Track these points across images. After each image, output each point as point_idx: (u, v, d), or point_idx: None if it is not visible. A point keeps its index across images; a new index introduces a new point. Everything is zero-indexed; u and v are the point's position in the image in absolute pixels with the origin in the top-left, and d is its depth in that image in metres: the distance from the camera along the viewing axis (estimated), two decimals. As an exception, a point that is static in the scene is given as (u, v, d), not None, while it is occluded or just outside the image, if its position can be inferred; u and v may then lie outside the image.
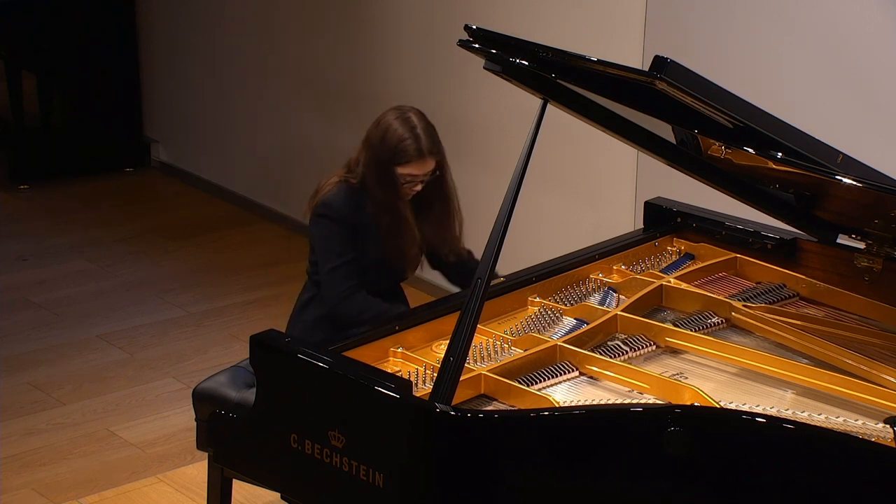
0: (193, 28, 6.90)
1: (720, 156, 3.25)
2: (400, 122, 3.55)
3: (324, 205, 3.59)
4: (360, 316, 3.52)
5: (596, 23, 4.84)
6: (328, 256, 3.57)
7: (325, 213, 3.58)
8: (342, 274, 3.56)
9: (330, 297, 3.58)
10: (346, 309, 3.55)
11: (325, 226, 3.58)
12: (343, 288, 3.55)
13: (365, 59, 5.86)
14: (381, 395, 2.76)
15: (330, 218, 3.57)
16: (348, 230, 3.57)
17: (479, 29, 3.09)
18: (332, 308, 3.57)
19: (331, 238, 3.57)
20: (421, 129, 3.55)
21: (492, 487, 2.71)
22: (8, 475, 4.32)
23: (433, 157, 3.56)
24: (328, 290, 3.57)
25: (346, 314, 3.54)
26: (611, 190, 4.95)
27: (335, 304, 3.57)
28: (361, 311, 3.53)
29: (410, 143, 3.52)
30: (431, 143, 3.55)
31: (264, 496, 4.08)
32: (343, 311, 3.56)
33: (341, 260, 3.56)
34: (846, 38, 4.11)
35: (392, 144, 3.52)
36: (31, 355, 5.13)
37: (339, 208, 3.57)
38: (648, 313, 3.33)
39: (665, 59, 2.69)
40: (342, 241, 3.57)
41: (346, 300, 3.55)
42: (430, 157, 3.55)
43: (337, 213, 3.57)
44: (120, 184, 7.10)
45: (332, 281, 3.56)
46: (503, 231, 2.97)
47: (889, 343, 3.17)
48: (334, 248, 3.57)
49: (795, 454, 2.59)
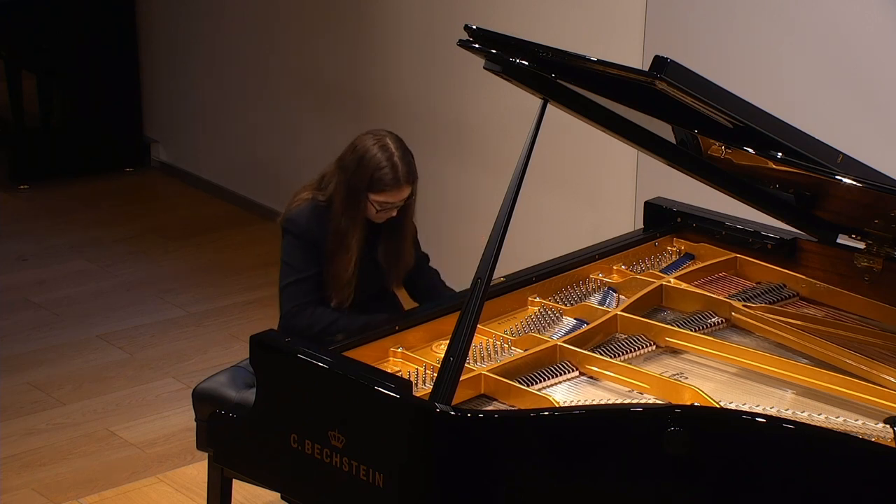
0: (193, 28, 6.90)
1: (720, 156, 3.25)
2: (377, 148, 3.48)
3: (288, 220, 3.59)
4: (309, 330, 3.49)
5: (596, 23, 4.84)
6: (287, 272, 3.58)
7: (288, 229, 3.59)
8: (296, 290, 3.55)
9: (282, 313, 3.59)
10: (294, 325, 3.54)
11: (288, 241, 3.59)
12: (292, 304, 3.55)
13: (365, 58, 5.86)
14: (381, 395, 2.76)
15: (293, 234, 3.58)
16: (310, 247, 3.56)
17: (479, 29, 3.09)
18: (282, 323, 3.58)
19: (292, 253, 3.58)
20: (398, 157, 3.47)
21: (492, 487, 2.71)
22: (8, 475, 4.32)
23: (409, 185, 3.50)
24: (281, 304, 3.59)
25: (295, 328, 3.53)
26: (611, 190, 4.95)
27: (284, 321, 3.58)
28: (310, 325, 3.50)
29: (387, 172, 3.46)
30: (408, 171, 3.48)
31: (264, 496, 4.08)
32: (291, 326, 3.55)
33: (297, 276, 3.56)
34: (846, 38, 4.11)
35: (368, 172, 3.46)
36: (31, 355, 5.13)
37: (303, 224, 3.56)
38: (648, 313, 3.33)
39: (665, 59, 2.69)
40: (302, 258, 3.56)
41: (294, 316, 3.54)
42: (406, 185, 3.49)
43: (299, 230, 3.56)
44: (120, 184, 7.10)
45: (285, 297, 3.58)
46: (503, 231, 2.97)
47: (889, 343, 3.17)
48: (294, 262, 3.57)
49: (795, 454, 2.59)
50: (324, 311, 3.53)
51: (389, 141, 3.51)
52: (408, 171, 3.48)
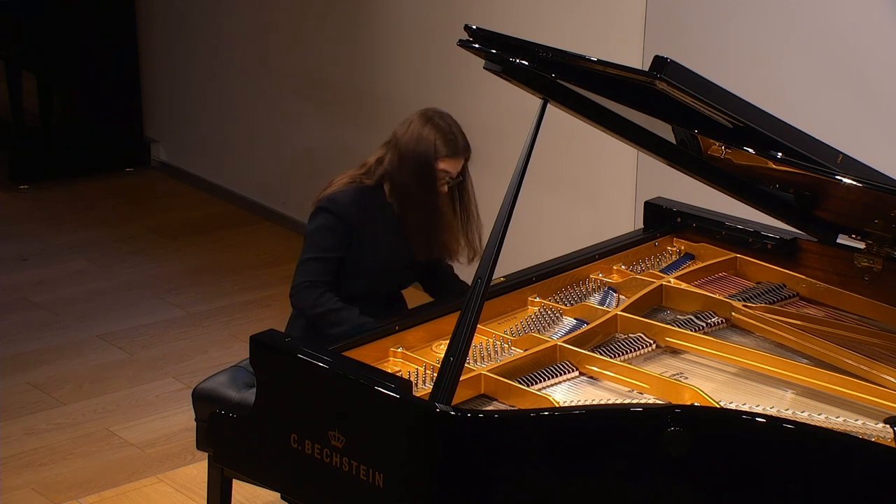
0: (193, 28, 6.90)
1: (720, 156, 3.25)
2: (437, 120, 3.56)
3: (329, 199, 3.57)
4: (312, 310, 3.50)
5: (596, 23, 4.84)
6: (311, 247, 3.57)
7: (326, 207, 3.57)
8: (313, 267, 3.55)
9: (293, 285, 3.58)
10: (299, 299, 3.54)
11: (323, 218, 3.57)
12: (305, 279, 3.54)
13: (365, 58, 5.86)
14: (381, 395, 2.76)
15: (331, 212, 3.56)
16: (344, 229, 3.56)
17: (479, 29, 3.08)
18: (290, 295, 3.58)
19: (322, 231, 3.56)
20: (457, 129, 3.58)
21: (492, 487, 2.71)
22: (8, 475, 4.32)
23: (466, 156, 3.59)
24: (295, 277, 3.58)
25: (298, 304, 3.55)
26: (611, 190, 4.95)
27: (292, 293, 3.58)
28: (314, 305, 3.51)
29: (450, 141, 3.54)
30: (465, 142, 3.58)
31: (264, 496, 4.08)
32: (296, 300, 3.56)
33: (321, 254, 3.55)
34: (846, 38, 4.11)
35: (430, 142, 3.52)
36: (31, 355, 5.13)
37: (344, 205, 3.56)
38: (648, 313, 3.33)
39: (665, 59, 2.69)
40: (332, 238, 3.56)
41: (302, 290, 3.54)
42: (463, 154, 3.57)
43: (339, 209, 3.55)
44: (120, 184, 7.10)
45: (301, 270, 3.56)
46: (503, 231, 2.97)
47: (889, 343, 3.17)
48: (321, 241, 3.55)
49: (795, 454, 2.59)
50: (331, 298, 3.53)
51: (447, 116, 3.60)
52: (465, 142, 3.58)
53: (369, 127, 5.78)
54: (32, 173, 7.00)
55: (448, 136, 3.54)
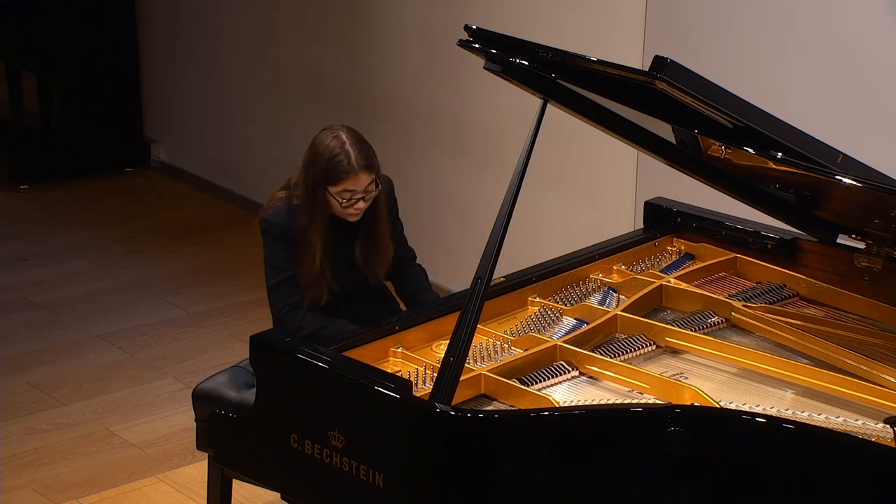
0: (193, 28, 6.90)
1: (720, 156, 3.25)
2: (330, 138, 3.49)
3: (264, 220, 3.60)
4: (301, 331, 3.51)
5: (596, 23, 4.84)
6: (270, 272, 3.59)
7: (266, 229, 3.60)
8: (283, 290, 3.57)
9: (273, 313, 3.60)
10: (286, 325, 3.56)
11: (268, 242, 3.60)
12: (283, 304, 3.56)
13: (365, 58, 5.86)
14: (381, 395, 2.76)
15: (270, 234, 3.59)
16: (289, 246, 3.57)
17: (479, 29, 3.09)
18: (276, 323, 3.60)
19: (272, 254, 3.59)
20: (350, 145, 3.47)
21: (492, 487, 2.71)
22: (8, 475, 4.32)
23: (367, 172, 3.48)
24: (271, 305, 3.61)
25: (288, 329, 3.55)
26: (611, 190, 4.95)
27: (276, 321, 3.59)
28: (301, 328, 3.52)
29: (342, 160, 3.45)
30: (363, 158, 3.47)
31: (264, 496, 4.08)
32: (285, 326, 3.57)
33: (282, 276, 3.57)
34: (846, 38, 4.11)
35: (323, 163, 3.47)
36: (31, 355, 5.13)
37: (280, 224, 3.57)
38: (648, 313, 3.33)
39: (665, 59, 2.69)
40: (283, 258, 3.57)
41: (285, 316, 3.56)
42: (362, 171, 3.47)
43: (277, 229, 3.57)
44: (120, 184, 7.10)
45: (274, 298, 3.59)
46: (503, 231, 2.97)
47: (889, 343, 3.17)
48: (276, 263, 3.58)
49: (795, 454, 2.59)
50: (314, 316, 3.55)
51: (342, 132, 3.51)
52: (363, 158, 3.47)
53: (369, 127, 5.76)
54: (32, 173, 7.00)
55: (341, 154, 3.46)
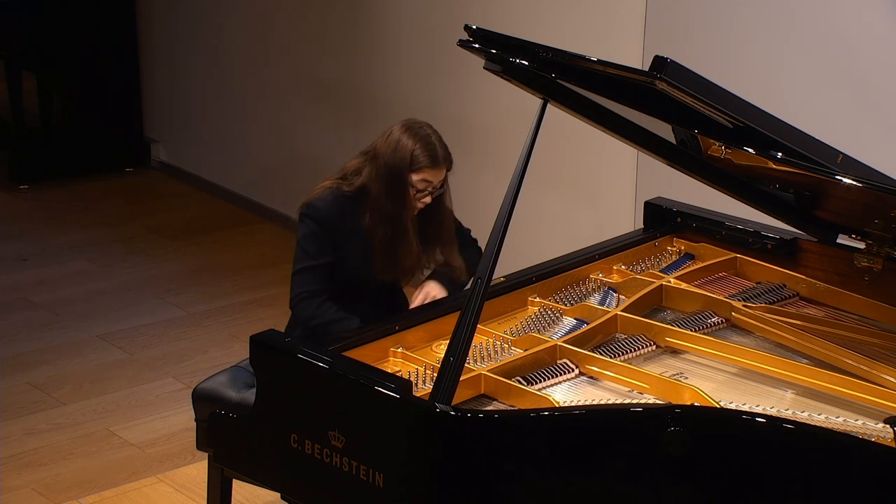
0: (193, 28, 6.90)
1: (720, 156, 3.25)
2: (416, 130, 3.55)
3: (308, 205, 3.59)
4: (312, 321, 3.52)
5: (596, 23, 4.84)
6: (300, 256, 3.58)
7: (308, 214, 3.58)
8: (308, 276, 3.56)
9: (291, 297, 3.60)
10: (300, 311, 3.56)
11: (307, 225, 3.58)
12: (303, 290, 3.56)
13: (365, 58, 5.86)
14: (381, 395, 2.76)
15: (312, 218, 3.57)
16: (328, 234, 3.56)
17: (479, 29, 3.09)
18: (291, 307, 3.60)
19: (307, 238, 3.57)
20: (436, 139, 3.56)
21: (492, 487, 2.71)
22: (8, 475, 4.32)
23: (446, 166, 3.56)
24: (292, 288, 3.60)
25: (300, 316, 3.56)
26: (611, 190, 4.95)
27: (292, 304, 3.59)
28: (313, 317, 3.53)
29: (428, 150, 3.52)
30: (446, 152, 3.56)
31: (264, 496, 4.08)
32: (297, 312, 3.58)
33: (311, 262, 3.56)
34: (846, 38, 4.11)
35: (407, 151, 3.51)
36: (31, 355, 5.13)
37: (324, 210, 3.56)
38: (648, 313, 3.33)
39: (665, 59, 2.69)
40: (318, 244, 3.56)
41: (301, 302, 3.56)
42: (444, 164, 3.55)
43: (320, 215, 3.56)
44: (120, 184, 7.10)
45: (297, 281, 3.58)
46: (503, 231, 2.97)
47: (889, 343, 3.17)
48: (309, 248, 3.57)
49: (795, 454, 2.59)
50: (330, 307, 3.54)
51: (426, 126, 3.59)
52: (447, 153, 3.57)
53: (369, 127, 5.78)
54: (32, 173, 7.00)
55: (427, 145, 3.52)
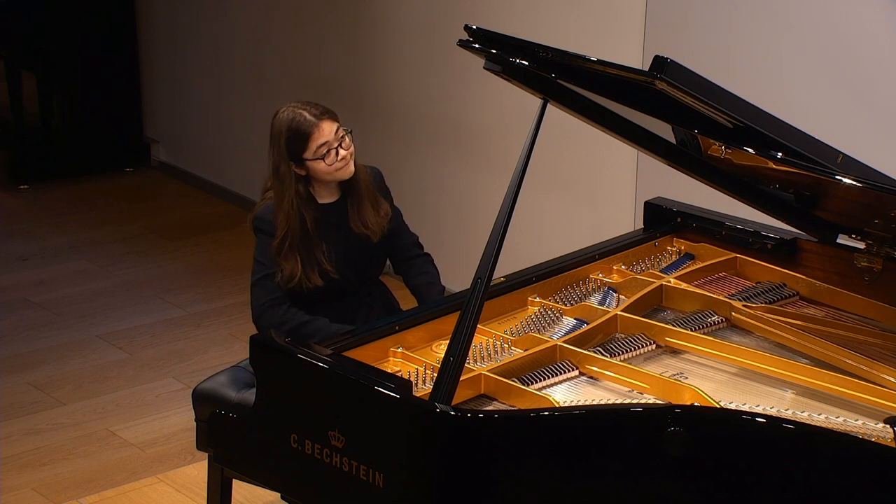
0: (193, 28, 6.90)
1: (720, 156, 3.25)
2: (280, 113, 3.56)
3: (256, 218, 3.63)
4: (282, 327, 3.52)
5: (596, 23, 4.84)
6: (257, 267, 3.61)
7: (258, 227, 3.63)
8: (266, 285, 3.58)
9: (253, 308, 3.62)
10: (266, 320, 3.57)
11: (259, 238, 3.62)
12: (264, 300, 3.58)
13: (364, 58, 5.86)
14: (381, 395, 2.76)
15: (262, 231, 3.61)
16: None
17: (479, 29, 3.09)
18: (255, 319, 3.61)
19: (261, 249, 3.61)
20: (300, 106, 3.56)
21: (492, 487, 2.71)
22: (8, 475, 4.32)
23: (329, 119, 3.55)
24: (252, 299, 3.62)
25: (265, 326, 3.56)
26: (611, 190, 4.95)
27: (255, 317, 3.60)
28: (282, 322, 3.53)
29: (300, 120, 3.52)
30: (318, 108, 3.55)
31: (264, 496, 4.08)
32: (262, 323, 3.58)
33: (267, 270, 3.58)
34: (846, 38, 4.11)
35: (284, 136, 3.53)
36: (31, 355, 5.13)
37: (269, 220, 3.59)
38: (648, 313, 3.34)
39: (665, 59, 2.69)
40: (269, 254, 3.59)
41: (266, 311, 3.57)
42: (324, 119, 3.54)
43: (267, 225, 3.59)
44: (120, 184, 7.10)
45: (257, 292, 3.60)
46: (503, 231, 2.97)
47: (889, 343, 3.17)
48: (263, 259, 3.60)
49: (795, 454, 2.59)
50: (296, 312, 3.56)
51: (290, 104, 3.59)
52: (318, 108, 3.55)
53: (369, 127, 5.78)
54: (32, 173, 7.01)
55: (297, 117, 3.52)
